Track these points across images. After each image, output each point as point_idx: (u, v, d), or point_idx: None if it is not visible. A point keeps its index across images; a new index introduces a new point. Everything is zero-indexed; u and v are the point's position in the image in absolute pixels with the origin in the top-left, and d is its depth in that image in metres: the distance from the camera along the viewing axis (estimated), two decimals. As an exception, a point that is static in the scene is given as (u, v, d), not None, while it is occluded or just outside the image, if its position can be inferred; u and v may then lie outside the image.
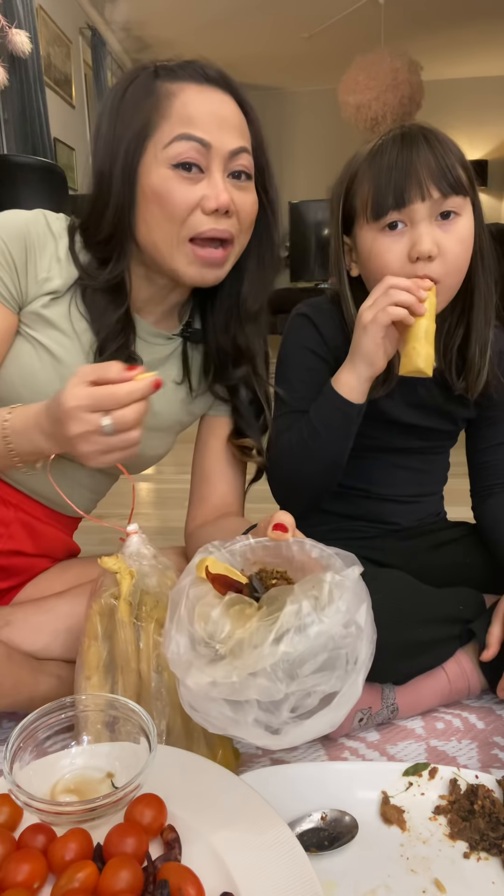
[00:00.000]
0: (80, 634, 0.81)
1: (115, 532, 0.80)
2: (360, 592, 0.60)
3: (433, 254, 0.89)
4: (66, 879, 0.56)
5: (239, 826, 0.63)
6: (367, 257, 0.95)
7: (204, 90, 0.85)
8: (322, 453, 0.99)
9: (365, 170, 0.94)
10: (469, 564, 1.11)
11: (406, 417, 1.06)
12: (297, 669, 0.54)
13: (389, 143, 0.92)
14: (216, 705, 0.56)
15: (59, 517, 1.06)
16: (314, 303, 1.08)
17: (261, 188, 0.93)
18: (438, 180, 0.89)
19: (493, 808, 0.75)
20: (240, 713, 0.55)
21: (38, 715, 0.70)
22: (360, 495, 1.13)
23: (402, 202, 0.89)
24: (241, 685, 0.54)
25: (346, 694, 0.56)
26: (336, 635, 0.55)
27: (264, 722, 0.55)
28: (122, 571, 0.76)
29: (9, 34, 3.41)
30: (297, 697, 0.54)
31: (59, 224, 0.92)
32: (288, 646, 0.54)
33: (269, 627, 0.55)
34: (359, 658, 0.57)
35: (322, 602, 0.56)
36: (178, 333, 1.02)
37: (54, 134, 4.24)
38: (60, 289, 0.90)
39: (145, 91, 0.85)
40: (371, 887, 0.68)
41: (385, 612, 0.94)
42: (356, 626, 0.57)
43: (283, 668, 0.54)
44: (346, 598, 0.57)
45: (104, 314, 0.91)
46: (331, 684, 0.55)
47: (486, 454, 1.13)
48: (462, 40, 5.75)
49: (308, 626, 0.55)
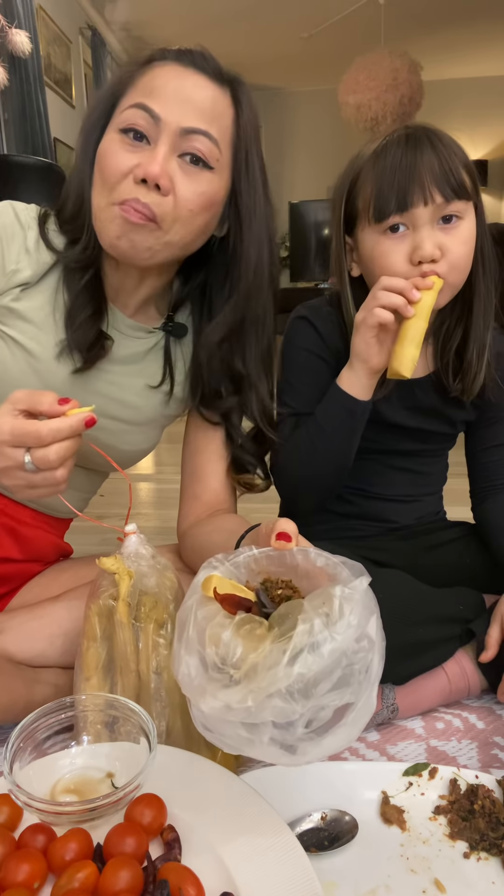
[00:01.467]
0: (77, 638, 0.81)
1: (114, 532, 0.80)
2: (370, 604, 0.59)
3: (436, 257, 0.89)
4: (66, 879, 0.56)
5: (239, 826, 0.63)
6: (369, 259, 0.95)
7: (185, 72, 0.82)
8: (329, 453, 0.99)
9: (368, 170, 0.93)
10: (469, 564, 1.11)
11: (403, 420, 1.06)
12: (312, 689, 0.53)
13: (393, 145, 0.91)
14: (231, 727, 0.55)
15: (48, 519, 1.04)
16: (313, 305, 1.08)
17: (237, 191, 0.88)
18: (441, 184, 0.88)
19: (493, 808, 0.75)
20: (255, 733, 0.54)
21: (38, 715, 0.70)
22: (359, 495, 1.13)
23: (405, 206, 0.89)
24: (257, 708, 0.53)
25: (362, 708, 0.55)
26: (349, 651, 0.55)
27: (280, 740, 0.54)
28: (121, 572, 0.76)
29: (9, 34, 3.41)
30: (311, 712, 0.54)
31: (28, 214, 0.90)
32: (302, 667, 0.53)
33: (283, 648, 0.54)
34: (371, 670, 0.56)
35: (333, 618, 0.55)
36: (160, 327, 0.99)
37: (54, 134, 4.24)
38: (31, 279, 0.88)
39: (131, 66, 0.84)
40: (371, 887, 0.68)
41: (385, 612, 0.94)
42: (368, 640, 0.56)
43: (298, 689, 0.53)
44: (356, 612, 0.56)
45: (75, 284, 0.89)
46: (345, 699, 0.54)
47: (485, 455, 1.13)
48: (462, 40, 5.74)
49: (321, 645, 0.54)
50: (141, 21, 5.41)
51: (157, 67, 0.83)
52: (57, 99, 4.55)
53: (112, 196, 0.81)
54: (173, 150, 0.80)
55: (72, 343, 0.89)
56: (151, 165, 0.78)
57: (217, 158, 0.83)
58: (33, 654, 0.94)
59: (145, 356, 0.98)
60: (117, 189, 0.80)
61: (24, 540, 1.01)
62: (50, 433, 0.66)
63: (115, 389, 0.96)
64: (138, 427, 1.01)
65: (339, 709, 0.55)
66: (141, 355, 0.98)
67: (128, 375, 0.97)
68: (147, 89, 0.81)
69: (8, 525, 0.99)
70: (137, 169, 0.79)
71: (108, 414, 0.96)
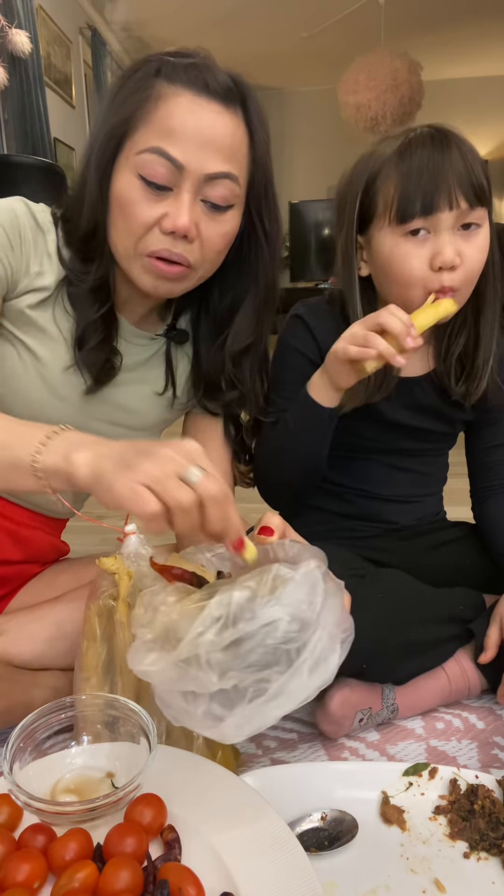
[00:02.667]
0: (76, 640, 0.81)
1: (114, 532, 0.80)
2: (314, 587, 0.56)
3: (456, 263, 0.88)
4: (66, 879, 0.56)
5: (239, 826, 0.63)
6: (386, 260, 0.93)
7: (198, 102, 0.78)
8: (294, 454, 0.99)
9: (391, 169, 0.90)
10: (469, 564, 1.11)
11: (403, 419, 1.06)
12: (231, 661, 0.52)
13: (419, 144, 0.89)
14: (172, 696, 0.56)
15: (45, 519, 1.03)
16: (311, 303, 1.07)
17: (256, 216, 0.88)
18: (466, 190, 0.87)
19: (493, 808, 0.75)
20: (191, 705, 0.55)
21: (38, 715, 0.70)
22: (359, 495, 1.13)
23: (430, 210, 0.87)
24: (179, 675, 0.53)
25: (289, 692, 0.54)
26: (274, 629, 0.53)
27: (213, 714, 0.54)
28: (121, 572, 0.76)
29: (9, 34, 3.41)
30: (234, 688, 0.53)
31: (45, 217, 0.88)
32: (214, 635, 0.52)
33: (195, 616, 0.54)
34: (304, 654, 0.54)
35: (260, 594, 0.54)
36: (162, 334, 0.98)
37: (54, 134, 4.23)
38: (51, 286, 0.86)
39: (139, 86, 0.79)
40: (371, 887, 0.68)
41: (385, 612, 0.95)
42: (301, 622, 0.54)
43: (215, 661, 0.52)
44: (290, 591, 0.54)
45: (88, 310, 0.87)
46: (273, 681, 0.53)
47: (486, 455, 1.13)
48: (462, 40, 5.74)
49: (238, 618, 0.52)
50: (141, 21, 5.41)
51: (170, 98, 0.78)
52: (57, 99, 4.55)
53: (139, 246, 0.81)
54: (196, 196, 0.80)
55: (82, 364, 0.88)
56: (180, 219, 0.78)
57: (238, 196, 0.83)
58: (33, 656, 0.93)
59: (147, 362, 0.98)
60: (145, 240, 0.81)
61: (22, 541, 1.01)
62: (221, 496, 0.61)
63: (120, 397, 0.96)
64: (141, 432, 1.01)
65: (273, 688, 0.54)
66: (143, 362, 0.98)
67: (132, 383, 0.96)
68: (164, 130, 0.77)
69: (6, 527, 0.98)
70: (165, 221, 0.79)
71: (115, 421, 0.96)
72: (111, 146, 0.81)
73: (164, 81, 0.79)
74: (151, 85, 0.79)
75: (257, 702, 0.53)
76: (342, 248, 0.98)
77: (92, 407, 0.93)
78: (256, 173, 0.85)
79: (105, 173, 0.81)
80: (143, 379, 0.98)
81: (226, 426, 1.03)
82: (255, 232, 0.89)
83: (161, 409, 1.02)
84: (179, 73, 0.79)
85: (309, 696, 0.55)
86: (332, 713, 0.93)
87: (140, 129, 0.79)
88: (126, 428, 0.98)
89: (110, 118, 0.81)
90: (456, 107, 6.27)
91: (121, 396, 0.95)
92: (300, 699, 0.55)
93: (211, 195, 0.80)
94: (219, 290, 0.95)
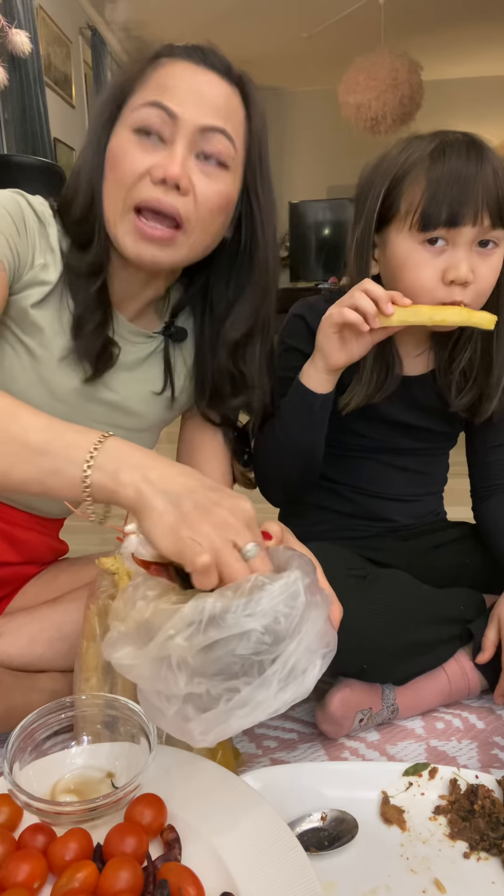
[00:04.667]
0: (76, 641, 0.80)
1: (114, 532, 0.80)
2: (293, 598, 0.54)
3: (469, 280, 0.88)
4: (66, 879, 0.56)
5: (239, 826, 0.63)
6: (399, 265, 0.91)
7: (197, 69, 0.79)
8: (290, 446, 0.98)
9: (420, 173, 0.88)
10: (469, 564, 1.11)
11: (402, 417, 1.06)
12: (200, 667, 0.52)
13: (453, 152, 0.87)
14: (150, 695, 0.55)
15: (41, 521, 1.02)
16: (311, 302, 1.07)
17: (252, 192, 0.87)
18: (493, 208, 0.86)
19: (493, 808, 0.75)
20: (165, 704, 0.54)
21: (38, 715, 0.70)
22: (357, 493, 1.13)
23: (454, 222, 0.86)
24: (150, 673, 0.53)
25: (261, 704, 0.53)
26: (246, 639, 0.52)
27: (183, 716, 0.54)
28: (120, 572, 0.76)
29: (9, 34, 3.40)
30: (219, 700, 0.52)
31: (44, 209, 0.86)
32: (184, 640, 0.52)
33: (168, 616, 0.53)
34: (278, 667, 0.53)
35: (235, 603, 0.53)
36: (160, 332, 0.97)
37: (54, 134, 4.23)
38: (53, 281, 0.85)
39: (138, 64, 0.81)
40: (371, 887, 0.68)
41: (386, 613, 0.95)
42: (274, 634, 0.53)
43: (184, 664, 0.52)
44: (266, 602, 0.53)
45: (84, 293, 0.86)
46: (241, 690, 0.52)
47: (486, 455, 1.13)
48: (462, 40, 5.73)
49: (210, 626, 0.52)
50: (141, 21, 5.41)
51: (167, 64, 0.80)
52: (57, 99, 4.55)
53: (128, 198, 0.79)
54: (191, 149, 0.78)
55: (80, 352, 0.87)
56: (171, 165, 0.76)
57: (233, 157, 0.82)
58: (32, 658, 0.93)
59: (145, 361, 0.97)
60: (134, 190, 0.78)
61: (19, 543, 1.00)
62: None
63: (119, 398, 0.95)
64: (140, 433, 1.00)
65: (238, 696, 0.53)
66: (141, 361, 0.96)
67: (130, 382, 0.95)
68: (160, 86, 0.78)
69: (3, 529, 0.98)
70: (156, 169, 0.77)
71: (113, 423, 0.95)
72: (107, 113, 0.81)
73: (164, 56, 0.81)
74: (151, 58, 0.81)
75: (222, 708, 0.53)
76: (357, 242, 0.96)
77: (91, 408, 0.92)
78: (252, 145, 0.85)
79: (102, 139, 0.81)
80: (142, 378, 0.97)
81: (225, 429, 1.02)
82: (251, 213, 0.88)
83: (160, 409, 1.01)
84: (180, 50, 0.81)
85: (279, 709, 0.54)
86: (332, 713, 0.93)
87: (137, 91, 0.80)
88: (126, 429, 0.97)
89: (108, 94, 0.81)
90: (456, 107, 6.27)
91: (119, 397, 0.95)
92: (269, 711, 0.53)
93: (205, 147, 0.79)
94: (220, 287, 0.93)
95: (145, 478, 0.60)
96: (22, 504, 0.99)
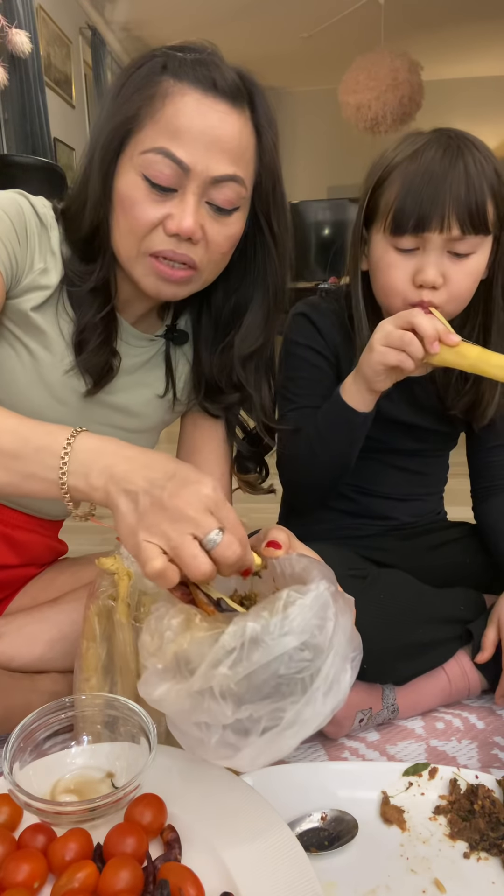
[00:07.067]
0: (76, 641, 0.80)
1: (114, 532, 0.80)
2: (324, 609, 0.54)
3: (437, 284, 0.88)
4: (66, 879, 0.56)
5: (239, 826, 0.63)
6: (375, 264, 0.94)
7: (206, 101, 0.76)
8: (327, 459, 0.99)
9: (397, 175, 0.89)
10: (469, 564, 1.11)
11: (403, 416, 1.07)
12: (244, 694, 0.51)
13: (429, 156, 0.87)
14: (188, 726, 0.54)
15: (41, 522, 1.02)
16: (311, 301, 1.08)
17: (263, 217, 0.86)
18: (462, 216, 0.86)
19: (493, 808, 0.75)
20: (205, 733, 0.53)
21: (38, 715, 0.70)
22: (360, 493, 1.13)
23: (420, 229, 0.87)
24: (192, 706, 0.52)
25: (308, 720, 0.53)
26: (287, 657, 0.52)
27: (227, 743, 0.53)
28: (120, 572, 0.76)
29: (9, 34, 3.40)
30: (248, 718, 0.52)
31: (47, 212, 0.85)
32: (227, 668, 0.51)
33: (208, 645, 0.52)
34: (318, 681, 0.53)
35: (272, 623, 0.52)
36: (162, 335, 0.97)
37: (54, 134, 4.23)
38: (53, 285, 0.84)
39: (145, 83, 0.77)
40: (371, 887, 0.68)
41: (386, 613, 0.95)
42: (313, 649, 0.53)
43: (230, 693, 0.51)
44: (301, 619, 0.52)
45: (88, 311, 0.85)
46: (288, 710, 0.52)
47: (486, 455, 1.13)
48: (462, 40, 5.73)
49: (252, 651, 0.51)
50: (141, 21, 5.41)
51: (176, 95, 0.76)
52: (57, 99, 4.55)
53: (142, 246, 0.80)
54: (202, 198, 0.78)
55: (83, 367, 0.87)
56: (184, 221, 0.76)
57: (243, 197, 0.81)
58: (32, 659, 0.93)
59: (146, 364, 0.97)
60: (147, 239, 0.79)
61: (18, 545, 1.00)
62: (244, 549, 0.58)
63: (121, 401, 0.95)
64: (141, 434, 1.00)
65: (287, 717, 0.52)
66: (142, 364, 0.96)
67: (133, 386, 0.95)
68: (170, 129, 0.75)
69: (2, 532, 0.97)
70: (169, 222, 0.77)
71: (115, 424, 0.95)
72: (115, 144, 0.79)
73: (171, 78, 0.77)
74: (157, 82, 0.77)
75: (272, 732, 0.52)
76: (352, 238, 0.99)
77: (92, 410, 0.92)
78: (264, 174, 0.84)
79: (108, 171, 0.80)
80: (144, 381, 0.97)
81: (227, 429, 1.02)
82: (261, 233, 0.88)
83: (162, 411, 1.01)
84: (186, 69, 0.77)
85: (323, 722, 0.54)
86: (333, 713, 0.93)
87: (145, 127, 0.77)
88: (126, 431, 0.97)
89: (114, 115, 0.79)
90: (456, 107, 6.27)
91: (121, 400, 0.95)
92: (315, 725, 0.53)
93: (216, 198, 0.79)
94: (222, 290, 0.93)
95: (112, 477, 0.59)
96: (22, 505, 0.99)
